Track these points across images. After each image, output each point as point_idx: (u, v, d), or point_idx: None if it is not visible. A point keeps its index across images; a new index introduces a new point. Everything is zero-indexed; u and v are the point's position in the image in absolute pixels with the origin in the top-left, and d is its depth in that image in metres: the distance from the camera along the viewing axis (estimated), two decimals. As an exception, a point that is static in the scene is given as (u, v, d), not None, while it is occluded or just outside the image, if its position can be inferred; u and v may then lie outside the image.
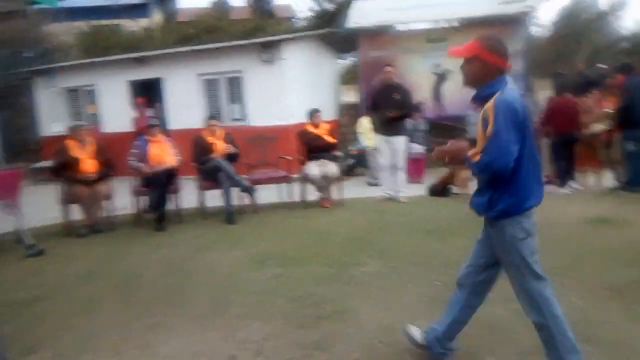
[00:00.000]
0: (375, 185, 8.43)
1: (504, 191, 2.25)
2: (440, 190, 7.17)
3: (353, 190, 7.53)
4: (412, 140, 7.74)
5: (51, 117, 11.74)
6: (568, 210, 5.75)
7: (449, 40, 10.35)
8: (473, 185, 6.76)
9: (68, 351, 2.91)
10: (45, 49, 15.78)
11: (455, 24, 10.63)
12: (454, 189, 7.15)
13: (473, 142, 2.39)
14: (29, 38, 16.06)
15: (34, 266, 4.60)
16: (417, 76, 10.53)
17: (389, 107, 6.51)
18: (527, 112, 2.21)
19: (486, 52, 2.26)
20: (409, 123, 7.64)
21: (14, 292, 3.91)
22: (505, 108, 2.15)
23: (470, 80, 2.37)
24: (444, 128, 10.77)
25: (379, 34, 10.85)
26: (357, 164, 9.93)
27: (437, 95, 10.91)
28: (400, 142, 6.78)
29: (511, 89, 2.22)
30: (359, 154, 9.71)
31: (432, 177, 7.72)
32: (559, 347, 2.24)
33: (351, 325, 3.04)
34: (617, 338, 2.72)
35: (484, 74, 2.28)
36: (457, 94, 10.39)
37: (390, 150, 6.73)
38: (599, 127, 7.14)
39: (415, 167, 8.93)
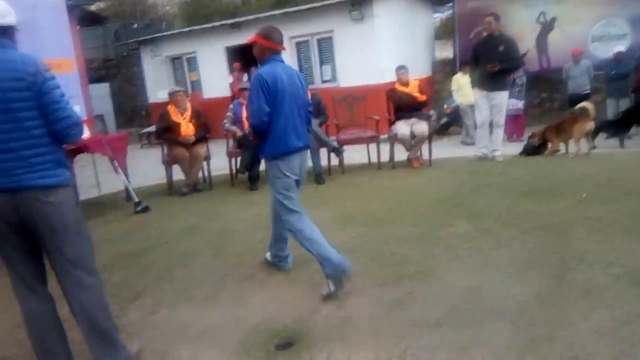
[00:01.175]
0: (470, 144, 8.09)
1: (265, 140, 3.06)
2: (534, 148, 6.70)
3: (446, 149, 7.29)
4: (510, 96, 7.22)
5: (157, 84, 12.58)
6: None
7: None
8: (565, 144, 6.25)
9: (167, 299, 3.18)
10: (150, 20, 16.80)
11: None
12: (559, 146, 6.65)
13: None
14: (136, 10, 17.17)
15: (140, 221, 5.04)
16: (520, 26, 9.76)
17: (492, 60, 6.09)
18: (283, 84, 2.96)
19: (261, 39, 3.06)
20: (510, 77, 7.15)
21: (123, 244, 4.33)
22: (257, 80, 2.95)
23: (257, 59, 3.16)
24: (545, 81, 9.98)
25: (477, -16, 10.15)
26: (451, 123, 9.56)
27: (542, 46, 10.05)
28: (502, 97, 6.37)
29: (274, 66, 3.02)
30: (453, 112, 9.32)
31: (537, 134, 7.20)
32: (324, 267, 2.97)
33: (434, 286, 3.00)
34: None
35: (260, 54, 3.10)
36: (562, 44, 9.52)
37: (491, 106, 6.34)
38: None
39: (515, 124, 8.41)
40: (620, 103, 8.02)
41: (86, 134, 5.21)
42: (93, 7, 16.62)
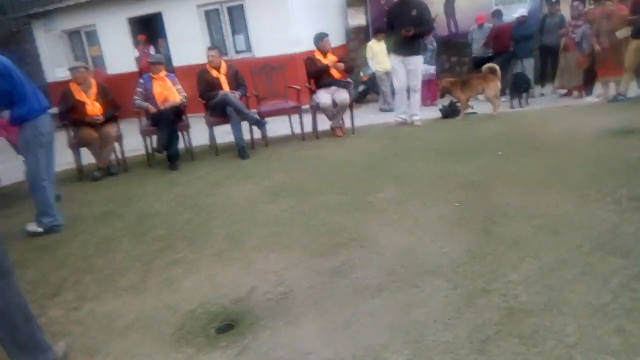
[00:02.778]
0: (388, 110, 8.23)
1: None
2: (450, 111, 6.96)
3: (365, 117, 7.36)
4: (423, 61, 7.39)
5: (54, 62, 11.52)
6: (589, 122, 5.54)
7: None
8: (472, 104, 6.59)
9: (90, 292, 2.94)
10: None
11: None
12: (467, 109, 6.94)
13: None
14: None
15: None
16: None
17: (406, 24, 6.15)
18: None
19: None
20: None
21: (34, 237, 3.94)
22: None
23: None
24: (454, 46, 10.34)
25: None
26: (368, 90, 9.65)
27: (449, 11, 10.34)
28: (417, 62, 6.49)
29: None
30: (370, 80, 9.41)
31: (446, 98, 7.47)
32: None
33: (370, 251, 3.01)
34: (646, 248, 2.63)
35: None
36: (469, 9, 9.86)
37: (407, 72, 6.44)
38: (621, 33, 6.73)
39: (429, 88, 8.66)
40: (524, 63, 8.49)
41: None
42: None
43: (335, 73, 6.24)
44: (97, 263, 3.34)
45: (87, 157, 5.74)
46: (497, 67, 6.72)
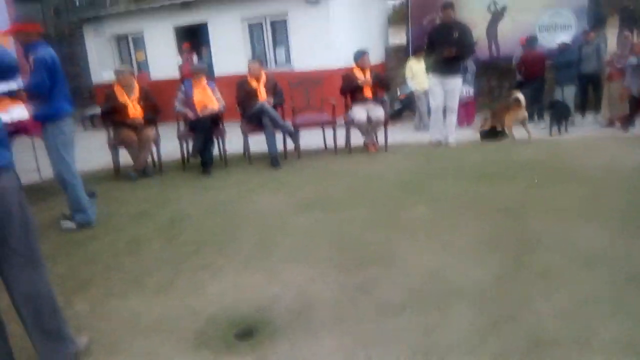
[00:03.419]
0: (423, 130, 8.17)
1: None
2: (490, 133, 6.88)
3: (400, 135, 7.32)
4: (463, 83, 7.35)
5: (102, 64, 11.96)
6: (628, 154, 5.37)
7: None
8: (516, 127, 6.54)
9: (117, 289, 2.99)
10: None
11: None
12: (507, 131, 6.84)
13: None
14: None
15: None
16: (471, 14, 9.88)
17: (447, 46, 6.14)
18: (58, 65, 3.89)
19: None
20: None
21: (67, 232, 4.07)
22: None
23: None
24: (494, 69, 10.23)
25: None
26: (405, 108, 9.62)
27: (492, 34, 10.26)
28: (456, 83, 6.45)
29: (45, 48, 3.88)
30: (407, 98, 9.38)
31: (482, 120, 7.38)
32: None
33: (396, 269, 2.97)
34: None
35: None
36: (511, 33, 9.77)
37: (445, 92, 6.41)
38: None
39: (466, 111, 8.57)
40: (565, 90, 8.32)
41: (25, 114, 4.84)
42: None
43: (368, 92, 6.25)
44: (126, 261, 3.40)
45: (125, 158, 5.89)
46: (520, 97, 6.66)
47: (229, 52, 10.19)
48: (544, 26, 9.75)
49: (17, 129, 4.55)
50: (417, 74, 8.73)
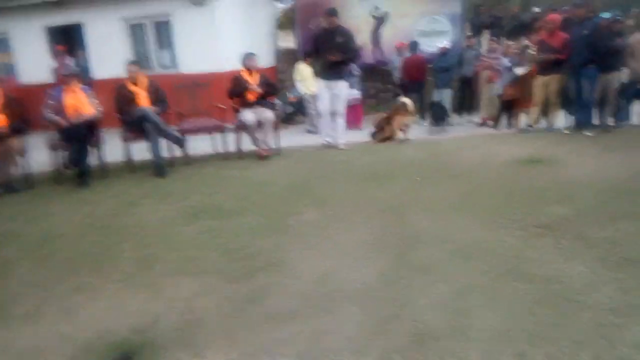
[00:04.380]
0: (314, 133, 8.28)
1: None
2: (379, 134, 7.16)
3: (291, 138, 7.35)
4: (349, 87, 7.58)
5: (-43, 67, 10.60)
6: (501, 151, 5.87)
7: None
8: (410, 130, 6.87)
9: (-23, 321, 2.64)
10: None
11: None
12: (397, 133, 7.16)
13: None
14: None
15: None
16: (355, 20, 10.25)
17: (332, 51, 6.26)
18: None
19: None
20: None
21: None
22: None
23: None
24: (378, 72, 10.71)
25: (317, -25, 10.39)
26: (295, 112, 9.70)
27: (375, 39, 10.72)
28: (342, 87, 6.60)
29: None
30: (297, 102, 9.47)
31: (370, 123, 7.68)
32: None
33: (287, 275, 2.95)
34: (549, 274, 2.77)
35: None
36: (393, 38, 10.28)
37: (331, 96, 6.53)
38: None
39: (354, 113, 8.84)
40: (442, 93, 8.93)
41: None
42: None
43: (256, 95, 6.19)
44: (-12, 289, 3.02)
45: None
46: (407, 103, 7.05)
47: (108, 55, 9.53)
48: (422, 32, 10.38)
49: None
50: (306, 77, 8.85)
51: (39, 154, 5.62)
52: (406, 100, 7.12)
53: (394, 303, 2.54)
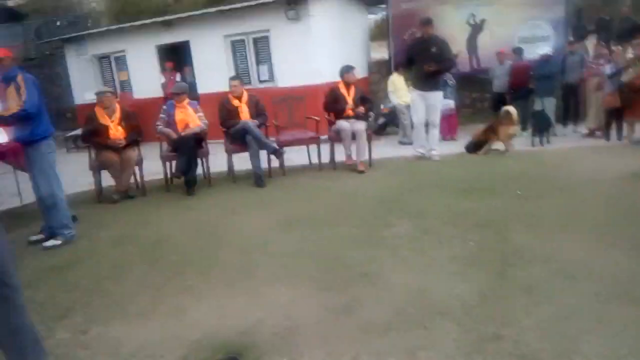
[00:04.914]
0: (407, 144, 8.21)
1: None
2: (478, 146, 6.92)
3: (384, 150, 7.36)
4: (443, 96, 7.43)
5: (84, 85, 11.87)
6: (610, 164, 5.44)
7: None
8: (515, 142, 6.56)
9: (99, 316, 2.93)
10: (76, 17, 15.86)
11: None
12: (493, 146, 6.89)
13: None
14: (60, 6, 16.16)
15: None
16: (451, 28, 10.04)
17: (426, 61, 6.21)
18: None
19: None
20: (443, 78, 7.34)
21: (48, 257, 3.99)
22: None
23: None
24: (475, 81, 10.37)
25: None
26: (388, 123, 9.68)
27: (472, 47, 10.42)
28: (437, 97, 6.52)
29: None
30: (390, 113, 9.44)
31: (466, 133, 7.46)
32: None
33: (381, 288, 2.96)
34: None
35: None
36: (490, 46, 9.93)
37: (426, 107, 6.47)
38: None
39: (448, 124, 8.65)
40: (545, 101, 8.44)
41: (3, 138, 4.77)
42: (10, 3, 15.48)
43: (351, 110, 6.28)
44: (108, 286, 3.34)
45: (107, 179, 5.83)
46: (512, 111, 6.72)
47: (212, 70, 10.19)
48: (522, 38, 9.92)
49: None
50: (399, 88, 8.81)
51: (151, 164, 6.13)
52: (510, 109, 6.83)
53: (493, 322, 2.45)
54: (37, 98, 4.05)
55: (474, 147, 6.93)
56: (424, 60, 6.25)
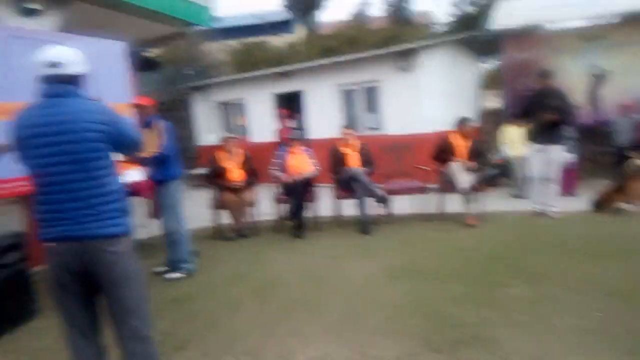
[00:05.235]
0: (521, 197, 7.82)
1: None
2: (604, 204, 6.38)
3: (495, 202, 7.06)
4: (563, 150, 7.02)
5: (206, 128, 12.95)
6: None
7: (609, 37, 9.32)
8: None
9: (213, 351, 3.10)
10: (202, 67, 17.50)
11: (616, 19, 9.45)
12: (624, 204, 6.32)
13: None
14: (189, 57, 17.96)
15: (187, 266, 5.03)
16: (570, 78, 9.54)
17: (546, 112, 5.98)
18: None
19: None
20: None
21: (169, 289, 4.32)
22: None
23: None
24: (597, 134, 9.66)
25: (525, 35, 10.07)
26: (500, 175, 9.30)
27: (594, 98, 9.79)
28: (555, 151, 6.20)
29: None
30: (502, 164, 9.08)
31: (587, 189, 6.94)
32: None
33: (494, 353, 2.80)
34: None
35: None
36: (613, 97, 9.26)
37: (544, 160, 6.17)
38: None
39: (568, 179, 8.10)
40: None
41: (138, 177, 5.33)
42: (150, 53, 17.49)
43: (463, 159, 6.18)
44: (222, 322, 3.53)
45: (224, 217, 6.21)
46: None
47: (323, 117, 10.62)
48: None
49: (131, 191, 5.01)
50: (513, 139, 8.48)
51: (264, 205, 6.46)
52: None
53: (627, 408, 2.21)
54: (172, 143, 4.51)
55: (601, 204, 6.40)
56: (542, 112, 6.00)
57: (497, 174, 9.12)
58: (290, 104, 11.75)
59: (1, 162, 3.29)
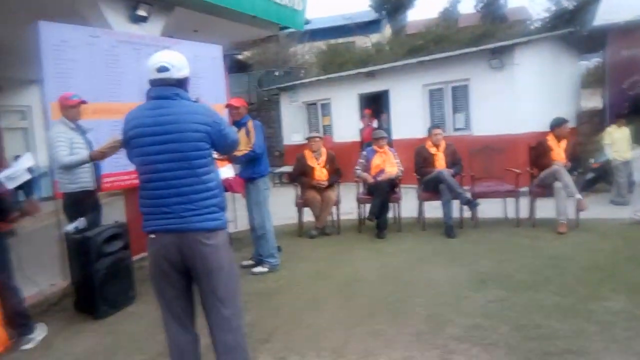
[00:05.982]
0: (621, 204, 7.23)
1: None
2: None
3: (593, 209, 6.59)
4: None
5: (292, 128, 13.28)
6: None
7: None
8: None
9: (296, 345, 3.19)
10: (290, 68, 17.97)
11: None
12: None
13: None
14: (277, 59, 18.52)
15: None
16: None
17: None
18: None
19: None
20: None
21: (255, 282, 4.51)
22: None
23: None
24: None
25: (633, 30, 9.29)
26: (598, 179, 8.65)
27: None
28: None
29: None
30: (601, 168, 8.44)
31: None
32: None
33: (589, 369, 2.64)
34: None
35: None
36: None
37: None
38: None
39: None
40: None
41: (230, 173, 5.62)
42: (240, 56, 18.25)
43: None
44: (305, 318, 3.62)
45: (307, 215, 6.36)
46: None
47: (408, 117, 10.49)
48: None
49: (224, 188, 5.28)
50: (617, 141, 7.84)
51: (346, 204, 6.52)
52: None
53: None
54: (263, 142, 4.70)
55: None
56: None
57: (594, 177, 8.51)
58: (374, 104, 11.74)
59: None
